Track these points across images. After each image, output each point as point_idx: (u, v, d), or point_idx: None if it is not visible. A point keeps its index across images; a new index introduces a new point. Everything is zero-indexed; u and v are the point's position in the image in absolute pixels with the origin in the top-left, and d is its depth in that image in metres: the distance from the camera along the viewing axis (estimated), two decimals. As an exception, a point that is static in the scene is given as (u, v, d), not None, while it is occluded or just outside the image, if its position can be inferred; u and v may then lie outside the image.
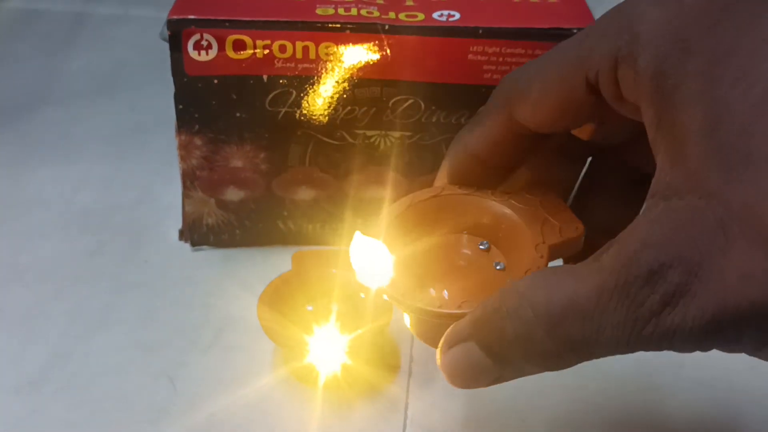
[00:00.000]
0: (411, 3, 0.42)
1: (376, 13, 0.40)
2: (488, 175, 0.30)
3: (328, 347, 0.37)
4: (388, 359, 0.39)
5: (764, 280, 0.18)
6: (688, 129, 0.20)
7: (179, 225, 0.47)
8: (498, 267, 0.29)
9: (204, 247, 0.46)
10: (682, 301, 0.19)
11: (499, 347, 0.23)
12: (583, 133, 0.30)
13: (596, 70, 0.23)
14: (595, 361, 0.22)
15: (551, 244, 0.28)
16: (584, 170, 0.32)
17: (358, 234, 0.29)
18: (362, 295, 0.39)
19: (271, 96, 0.41)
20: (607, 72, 0.23)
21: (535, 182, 0.30)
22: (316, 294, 0.40)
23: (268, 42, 0.39)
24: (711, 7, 0.21)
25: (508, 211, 0.29)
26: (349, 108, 0.41)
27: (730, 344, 0.20)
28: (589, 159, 0.32)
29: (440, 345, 0.25)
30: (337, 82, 0.40)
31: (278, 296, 0.39)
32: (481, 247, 0.30)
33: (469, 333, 0.24)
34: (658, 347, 0.20)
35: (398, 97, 0.41)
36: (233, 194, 0.45)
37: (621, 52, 0.22)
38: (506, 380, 0.24)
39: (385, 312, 0.38)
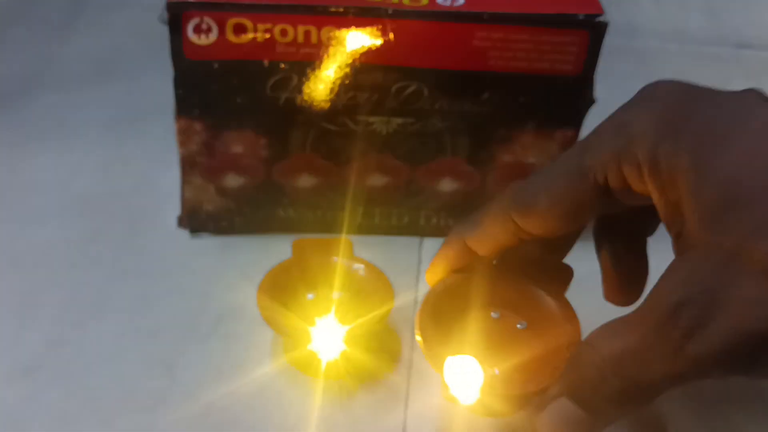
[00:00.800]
0: (415, -13, 0.41)
1: (380, -3, 0.39)
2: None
3: (329, 336, 0.37)
4: (389, 348, 0.39)
5: None
6: (686, 201, 0.25)
7: (178, 211, 0.46)
8: (520, 326, 0.35)
9: (203, 234, 0.46)
10: (702, 332, 0.23)
11: (584, 393, 0.27)
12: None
13: (604, 173, 0.28)
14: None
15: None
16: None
17: (450, 359, 0.32)
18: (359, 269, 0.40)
19: (272, 81, 0.40)
20: (615, 171, 0.27)
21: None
22: (317, 282, 0.40)
23: (269, 26, 0.39)
24: (683, 107, 0.26)
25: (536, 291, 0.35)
26: (351, 94, 0.41)
27: (752, 368, 0.24)
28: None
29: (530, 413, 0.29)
30: (339, 67, 0.40)
31: (278, 284, 0.38)
32: (518, 326, 0.35)
33: (558, 389, 0.28)
34: (698, 375, 0.24)
35: (401, 83, 0.40)
36: (233, 181, 0.44)
37: (623, 153, 0.27)
38: (599, 430, 0.28)
39: (386, 301, 0.37)
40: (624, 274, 0.34)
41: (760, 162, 0.24)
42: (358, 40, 0.39)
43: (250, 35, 0.39)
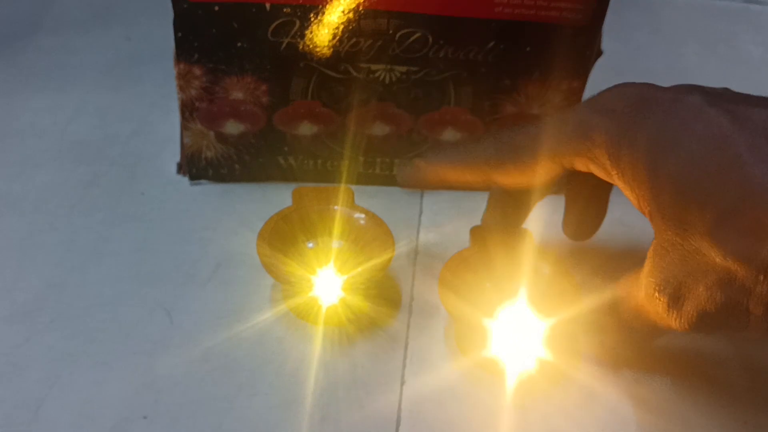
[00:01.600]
0: (421, -69, 0.40)
1: (385, -60, 0.38)
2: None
3: (329, 284, 0.36)
4: (389, 296, 0.39)
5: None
6: (647, 200, 0.29)
7: (177, 158, 0.46)
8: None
9: (202, 181, 0.46)
10: (678, 306, 0.29)
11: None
12: None
13: (571, 164, 0.32)
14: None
15: None
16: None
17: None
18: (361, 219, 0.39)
19: (273, 25, 0.39)
20: (582, 167, 0.32)
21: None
22: (317, 231, 0.40)
23: (271, -33, 0.38)
24: (639, 115, 0.29)
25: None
26: (354, 40, 0.40)
27: (726, 327, 0.29)
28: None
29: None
30: (342, 12, 0.39)
31: (278, 232, 0.38)
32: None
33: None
34: (686, 330, 0.30)
35: (405, 30, 0.40)
36: (233, 127, 0.44)
37: (589, 156, 0.31)
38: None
39: (386, 250, 0.37)
40: (585, 216, 0.39)
41: (701, 167, 0.27)
42: (362, -16, 0.38)
43: (252, -23, 0.38)
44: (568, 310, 0.33)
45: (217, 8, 0.39)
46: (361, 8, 0.39)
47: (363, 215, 0.39)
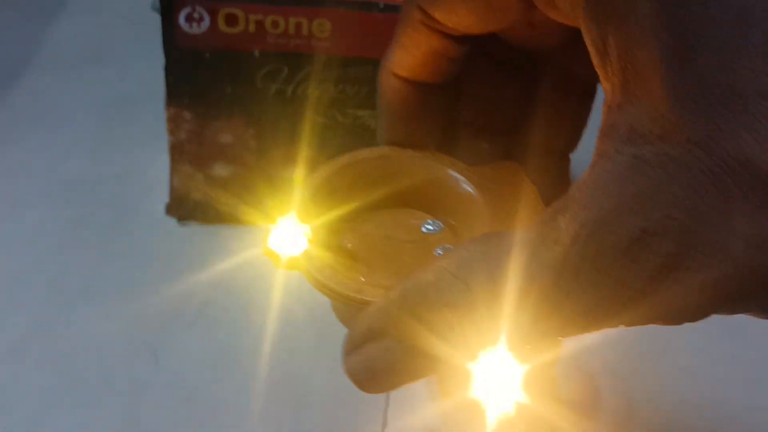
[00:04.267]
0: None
1: (372, -8, 0.40)
2: (426, 102, 0.24)
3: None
4: None
5: None
6: (649, 57, 0.16)
7: (166, 199, 0.46)
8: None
9: (191, 222, 0.46)
10: (677, 276, 0.16)
11: (429, 340, 0.18)
12: (513, 38, 0.25)
13: None
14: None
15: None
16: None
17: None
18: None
19: (262, 72, 0.41)
20: None
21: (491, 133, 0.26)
22: None
23: (260, 17, 0.39)
24: None
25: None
26: (340, 87, 0.41)
27: (734, 312, 0.17)
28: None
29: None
30: (329, 59, 0.40)
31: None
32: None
33: (387, 323, 0.19)
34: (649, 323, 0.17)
35: (390, 78, 0.41)
36: (221, 169, 0.44)
37: None
38: (432, 375, 0.20)
39: None
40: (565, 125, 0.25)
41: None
42: (348, 33, 0.39)
43: (242, 26, 0.39)
44: (548, 353, 0.34)
45: (207, 55, 0.40)
46: (347, 56, 0.40)
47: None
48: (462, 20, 0.21)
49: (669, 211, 0.15)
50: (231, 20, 0.39)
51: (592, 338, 0.38)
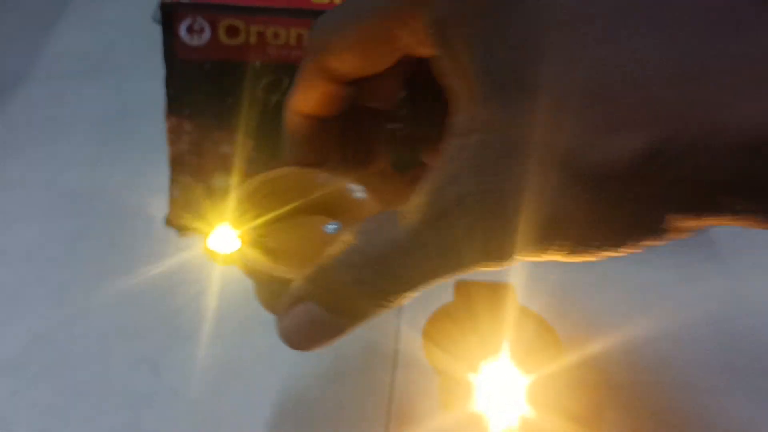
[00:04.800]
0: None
1: (372, 3, 0.40)
2: (322, 130, 0.29)
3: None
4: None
5: (555, 196, 0.20)
6: (468, 67, 0.21)
7: (166, 211, 0.46)
8: (329, 228, 0.29)
9: (191, 233, 0.46)
10: (487, 230, 0.21)
11: (337, 298, 0.24)
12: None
13: (395, 25, 0.24)
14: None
15: None
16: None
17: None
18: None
19: (263, 83, 0.40)
20: (403, 26, 0.24)
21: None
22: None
23: (261, 28, 0.39)
24: None
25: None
26: (341, 98, 0.41)
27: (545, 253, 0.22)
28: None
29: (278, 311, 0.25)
30: (330, 71, 0.40)
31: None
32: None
33: (306, 290, 0.24)
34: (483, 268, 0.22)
35: (391, 89, 0.41)
36: (222, 181, 0.44)
37: (411, 9, 0.23)
38: (349, 331, 0.24)
39: None
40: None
41: (558, 35, 0.20)
42: (349, 44, 0.39)
43: (243, 37, 0.39)
44: (551, 365, 0.34)
45: (208, 66, 0.40)
46: (348, 67, 0.40)
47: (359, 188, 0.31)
48: (348, 66, 0.26)
49: (478, 178, 0.21)
50: (232, 32, 0.39)
51: (594, 350, 0.38)
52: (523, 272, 0.41)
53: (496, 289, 0.38)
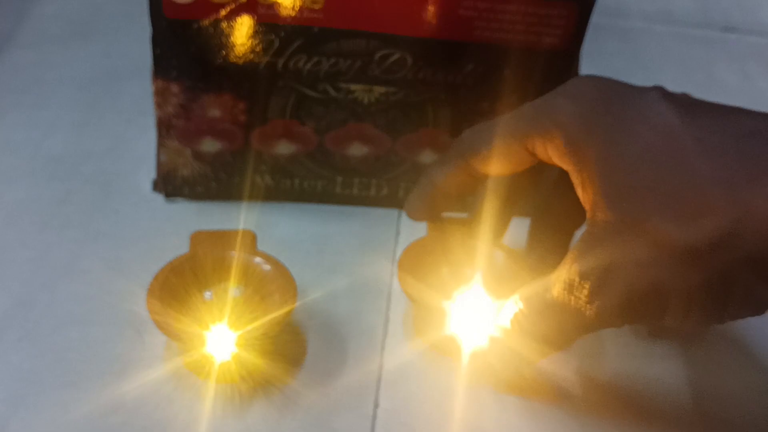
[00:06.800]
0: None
1: (366, -38, 0.38)
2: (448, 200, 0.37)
3: (222, 340, 0.34)
4: (290, 352, 0.37)
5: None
6: (594, 184, 0.30)
7: (153, 175, 0.45)
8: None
9: (178, 199, 0.45)
10: (599, 295, 0.29)
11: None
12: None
13: (533, 146, 0.32)
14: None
15: None
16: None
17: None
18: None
19: (253, 43, 0.39)
20: (540, 148, 0.32)
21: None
22: (214, 279, 0.37)
23: (251, -14, 0.38)
24: (599, 104, 0.31)
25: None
26: (333, 60, 0.40)
27: (644, 318, 0.30)
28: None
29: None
30: (322, 32, 0.39)
31: (169, 285, 0.35)
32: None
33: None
34: (602, 326, 0.30)
35: (384, 51, 0.40)
36: (210, 145, 0.43)
37: (547, 135, 0.31)
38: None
39: (287, 301, 0.35)
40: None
41: (652, 156, 0.28)
42: (342, 4, 0.38)
43: (232, -5, 0.38)
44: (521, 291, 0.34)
45: (196, 26, 0.39)
46: (340, 29, 0.39)
47: (265, 262, 0.37)
48: (491, 168, 0.34)
49: (595, 260, 0.29)
50: (220, -10, 0.38)
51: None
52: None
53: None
